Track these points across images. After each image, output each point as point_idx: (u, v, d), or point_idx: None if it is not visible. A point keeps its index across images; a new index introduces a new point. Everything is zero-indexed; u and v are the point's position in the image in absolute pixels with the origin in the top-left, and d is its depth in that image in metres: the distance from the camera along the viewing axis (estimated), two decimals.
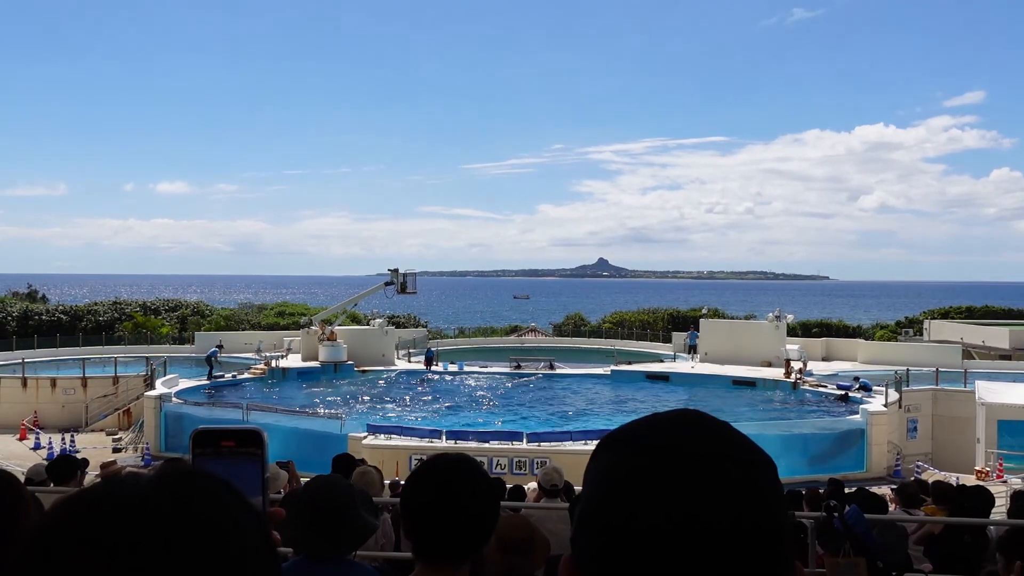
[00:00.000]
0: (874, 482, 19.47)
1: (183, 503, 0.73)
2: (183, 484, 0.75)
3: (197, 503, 0.73)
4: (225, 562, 0.71)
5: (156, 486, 0.74)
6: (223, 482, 0.78)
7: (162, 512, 0.71)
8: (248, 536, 0.74)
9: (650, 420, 0.90)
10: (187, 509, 0.72)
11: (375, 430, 21.94)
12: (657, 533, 0.79)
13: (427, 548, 2.00)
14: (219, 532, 0.72)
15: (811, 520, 5.69)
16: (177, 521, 0.71)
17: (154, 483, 0.74)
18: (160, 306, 51.67)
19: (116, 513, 0.71)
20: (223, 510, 0.74)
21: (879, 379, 27.86)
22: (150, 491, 0.73)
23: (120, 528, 0.69)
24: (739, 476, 0.83)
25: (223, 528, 0.73)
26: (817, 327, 47.22)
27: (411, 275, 37.79)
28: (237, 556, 0.72)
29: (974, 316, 50.95)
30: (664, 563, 0.79)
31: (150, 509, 0.71)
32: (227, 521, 0.73)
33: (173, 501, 0.72)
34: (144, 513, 0.71)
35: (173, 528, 0.70)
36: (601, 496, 0.84)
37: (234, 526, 0.74)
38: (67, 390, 30.18)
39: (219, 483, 0.78)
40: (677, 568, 0.78)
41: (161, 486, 0.74)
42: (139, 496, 0.72)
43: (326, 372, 33.66)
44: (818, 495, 9.46)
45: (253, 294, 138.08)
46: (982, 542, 6.91)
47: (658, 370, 34.88)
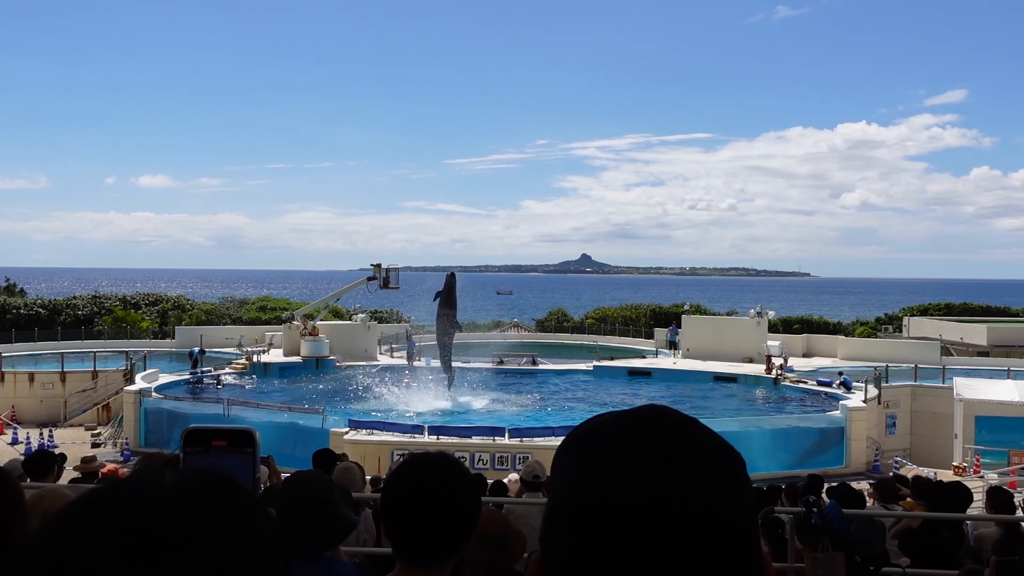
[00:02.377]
0: (853, 477, 19.62)
1: (211, 499, 0.74)
2: (208, 481, 0.77)
3: (223, 500, 0.75)
4: (250, 556, 0.73)
5: (183, 482, 0.75)
6: (238, 480, 0.81)
7: (195, 507, 0.73)
8: (265, 532, 0.77)
9: (614, 416, 0.89)
10: (217, 505, 0.74)
11: (357, 425, 21.88)
12: (624, 528, 0.78)
13: (407, 548, 1.98)
14: (244, 528, 0.75)
15: (790, 515, 5.73)
16: (207, 515, 0.73)
17: (181, 480, 0.76)
18: (140, 300, 51.33)
19: (150, 506, 0.72)
20: (248, 508, 0.77)
21: (859, 375, 28.09)
22: (179, 486, 0.75)
23: (154, 520, 0.71)
24: (706, 469, 0.82)
25: (247, 524, 0.75)
26: (798, 323, 47.58)
27: (394, 270, 37.71)
28: (257, 550, 0.74)
29: (953, 313, 51.47)
30: (632, 556, 0.78)
31: (183, 503, 0.73)
32: (250, 517, 0.76)
33: (202, 497, 0.74)
34: (178, 507, 0.72)
35: (204, 522, 0.72)
36: (569, 489, 0.83)
37: (255, 522, 0.76)
38: (45, 384, 29.93)
39: (237, 482, 0.80)
40: (645, 560, 0.78)
41: (188, 482, 0.76)
42: (170, 490, 0.74)
43: (308, 367, 33.52)
44: (797, 490, 9.54)
45: (235, 288, 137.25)
46: (959, 537, 6.99)
47: (640, 366, 35.01)
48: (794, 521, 5.36)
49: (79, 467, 10.03)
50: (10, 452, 22.32)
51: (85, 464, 10.07)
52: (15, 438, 25.70)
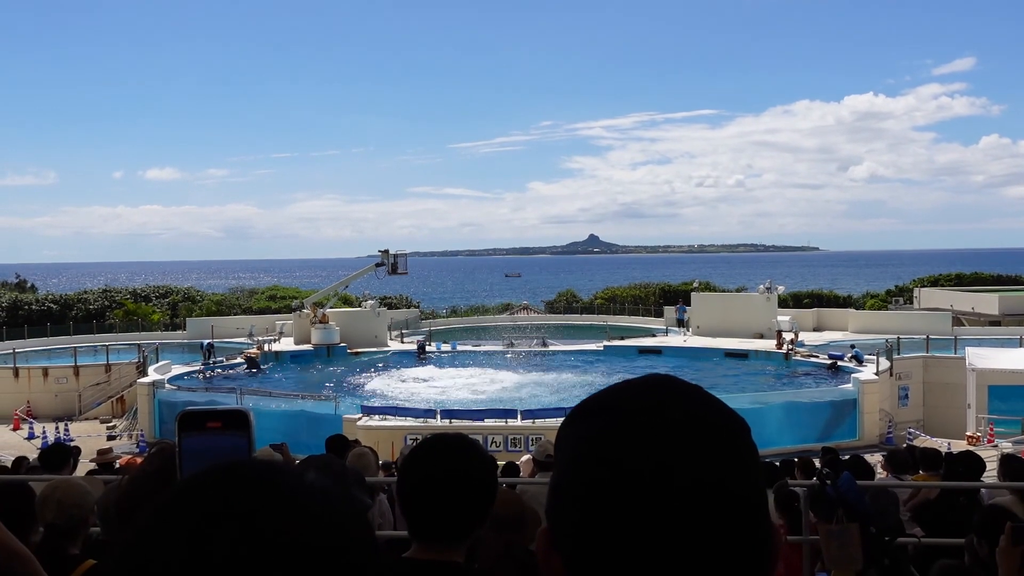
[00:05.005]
0: (867, 450, 19.64)
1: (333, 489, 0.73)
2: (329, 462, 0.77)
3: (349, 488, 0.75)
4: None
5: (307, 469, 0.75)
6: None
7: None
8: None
9: (620, 386, 0.87)
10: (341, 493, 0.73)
11: (369, 411, 21.99)
12: (633, 495, 0.77)
13: (424, 528, 1.99)
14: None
15: (804, 488, 5.74)
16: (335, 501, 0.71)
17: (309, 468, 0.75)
18: (151, 293, 51.51)
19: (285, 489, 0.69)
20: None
21: (870, 348, 28.03)
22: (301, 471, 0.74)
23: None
24: (715, 436, 0.81)
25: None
26: (808, 298, 47.39)
27: (402, 256, 37.76)
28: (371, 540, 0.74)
29: (963, 283, 51.17)
30: (638, 527, 0.77)
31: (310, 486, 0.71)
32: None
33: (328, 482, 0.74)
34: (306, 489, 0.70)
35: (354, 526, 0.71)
36: (575, 463, 0.82)
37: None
38: (59, 379, 30.11)
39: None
40: (654, 531, 0.77)
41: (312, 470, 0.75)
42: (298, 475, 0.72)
43: (319, 355, 33.65)
44: (811, 464, 9.55)
45: (244, 278, 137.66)
46: (975, 505, 6.99)
47: (651, 344, 34.99)
48: (807, 494, 5.37)
49: (95, 459, 10.12)
50: (27, 447, 22.52)
51: (101, 456, 10.17)
52: (31, 433, 25.90)
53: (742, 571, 0.79)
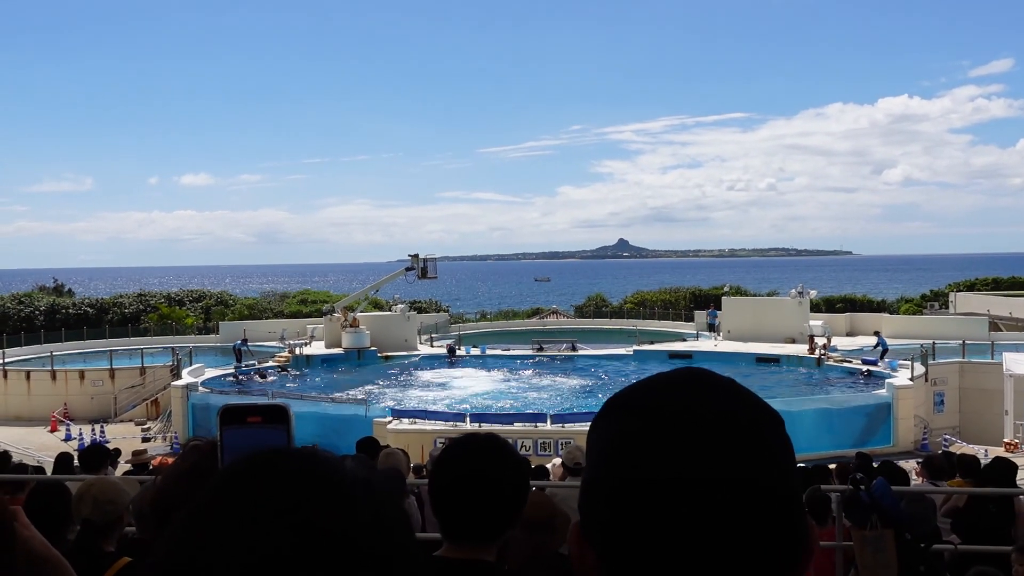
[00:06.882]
0: (901, 456, 19.34)
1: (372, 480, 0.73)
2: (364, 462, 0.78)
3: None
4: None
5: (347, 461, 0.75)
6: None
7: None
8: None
9: (652, 381, 0.86)
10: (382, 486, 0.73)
11: (399, 415, 22.06)
12: (665, 495, 0.76)
13: (456, 527, 1.98)
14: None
15: (838, 493, 5.68)
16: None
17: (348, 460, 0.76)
18: (184, 297, 52.18)
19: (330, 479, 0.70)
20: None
21: (905, 353, 27.64)
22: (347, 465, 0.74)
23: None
24: (747, 432, 0.80)
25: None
26: (841, 302, 46.82)
27: (431, 260, 37.89)
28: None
29: (1001, 287, 50.29)
30: (674, 525, 0.76)
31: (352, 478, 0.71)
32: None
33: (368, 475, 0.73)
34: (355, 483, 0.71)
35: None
36: (606, 461, 0.81)
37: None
38: (95, 381, 30.56)
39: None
40: (688, 529, 0.76)
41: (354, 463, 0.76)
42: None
43: (350, 358, 33.86)
44: (847, 469, 9.43)
45: (276, 283, 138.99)
46: (1008, 512, 6.87)
47: (681, 349, 34.75)
48: (841, 499, 5.31)
49: (131, 459, 10.28)
50: (65, 448, 22.87)
51: (136, 456, 10.32)
52: (68, 434, 26.33)
53: (776, 566, 0.78)
